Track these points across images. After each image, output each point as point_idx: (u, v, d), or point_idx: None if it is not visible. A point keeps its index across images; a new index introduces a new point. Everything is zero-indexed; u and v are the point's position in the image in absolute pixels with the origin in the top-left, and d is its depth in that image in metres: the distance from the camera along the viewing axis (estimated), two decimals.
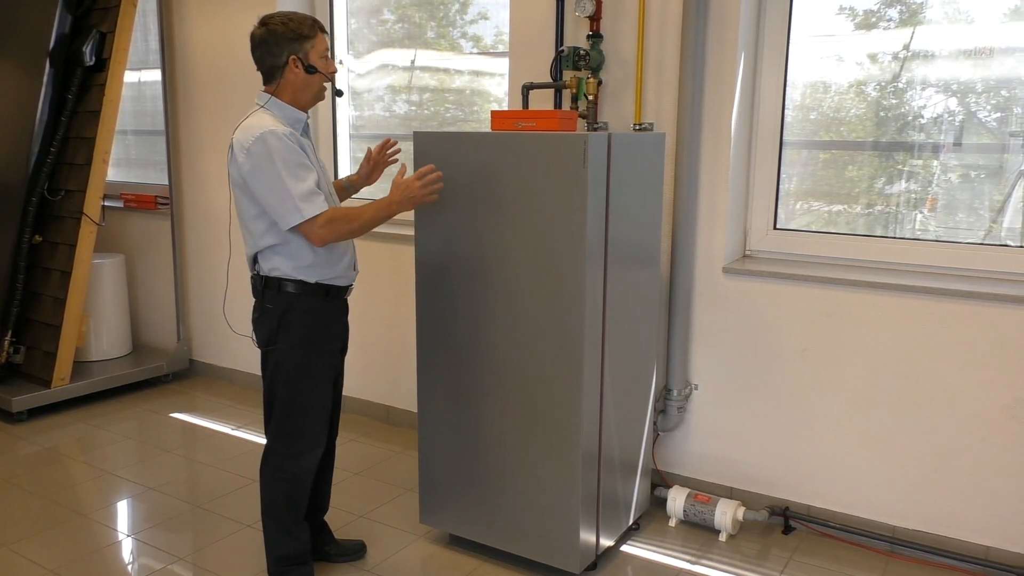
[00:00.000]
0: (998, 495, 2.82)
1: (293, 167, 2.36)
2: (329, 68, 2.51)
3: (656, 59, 3.20)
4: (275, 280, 2.50)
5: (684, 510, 3.15)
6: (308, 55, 2.45)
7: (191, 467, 3.78)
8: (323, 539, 2.93)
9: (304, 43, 2.43)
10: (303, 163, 2.39)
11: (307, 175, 2.38)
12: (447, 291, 2.80)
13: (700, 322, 3.28)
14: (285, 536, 2.64)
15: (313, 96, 2.53)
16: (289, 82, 2.46)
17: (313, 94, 2.52)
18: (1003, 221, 2.92)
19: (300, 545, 2.67)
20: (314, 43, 2.45)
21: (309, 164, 2.41)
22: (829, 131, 3.19)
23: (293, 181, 2.35)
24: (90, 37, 4.40)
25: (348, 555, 2.96)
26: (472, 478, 2.87)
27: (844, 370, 3.02)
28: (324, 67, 2.49)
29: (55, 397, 4.36)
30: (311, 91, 2.50)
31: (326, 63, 2.50)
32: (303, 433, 2.60)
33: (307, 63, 2.45)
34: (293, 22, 2.44)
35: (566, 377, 2.61)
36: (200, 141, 4.74)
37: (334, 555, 2.94)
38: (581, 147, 2.45)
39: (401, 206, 2.44)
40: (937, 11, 2.92)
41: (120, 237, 5.22)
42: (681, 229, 3.18)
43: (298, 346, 2.53)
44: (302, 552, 2.67)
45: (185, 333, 5.03)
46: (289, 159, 2.36)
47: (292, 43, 2.42)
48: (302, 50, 2.44)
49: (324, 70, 2.49)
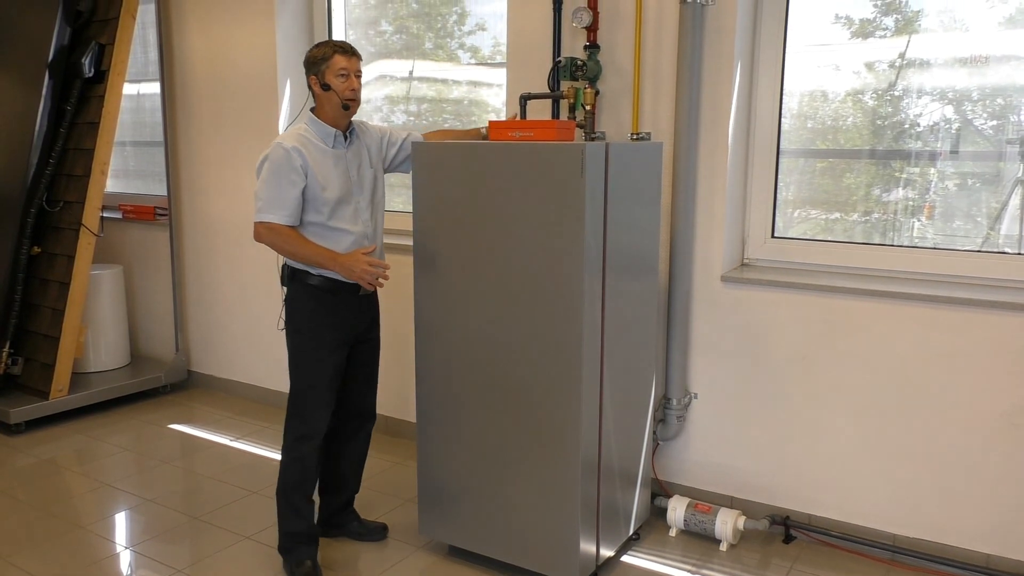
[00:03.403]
0: (999, 502, 2.81)
1: (274, 176, 2.69)
2: (342, 86, 2.74)
3: (653, 69, 3.21)
4: (288, 269, 2.84)
5: (684, 520, 3.14)
6: (324, 75, 2.74)
7: (189, 479, 3.76)
8: (347, 516, 3.17)
9: (321, 64, 2.74)
10: (288, 176, 2.69)
11: (285, 186, 2.69)
12: (445, 301, 2.80)
13: (699, 331, 3.28)
14: (293, 514, 2.90)
15: (335, 110, 2.77)
16: (319, 99, 2.79)
17: (335, 108, 2.77)
18: (1000, 228, 2.92)
19: (306, 524, 2.92)
20: (330, 63, 2.74)
21: (293, 180, 2.69)
22: (826, 139, 3.19)
23: (266, 187, 2.70)
24: (89, 49, 4.41)
25: (371, 535, 3.17)
26: (471, 488, 2.87)
27: (843, 378, 3.02)
28: (337, 85, 2.74)
29: (53, 409, 4.35)
30: (332, 105, 2.77)
31: (342, 81, 2.74)
32: (305, 416, 2.86)
33: (323, 81, 2.74)
34: (318, 47, 2.79)
35: (565, 387, 2.61)
36: (199, 152, 4.75)
37: (356, 533, 3.16)
38: (579, 157, 2.46)
39: (339, 268, 2.71)
40: (932, 20, 2.93)
41: (118, 248, 5.22)
42: (679, 238, 3.18)
43: (299, 331, 2.83)
44: (308, 529, 2.92)
45: (183, 344, 5.03)
46: (277, 169, 2.69)
47: (314, 65, 2.76)
48: (319, 71, 2.75)
49: (337, 88, 2.74)
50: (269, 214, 2.70)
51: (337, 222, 2.76)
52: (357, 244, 2.79)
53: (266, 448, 4.03)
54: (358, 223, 2.81)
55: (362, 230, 2.82)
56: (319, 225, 2.75)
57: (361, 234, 2.81)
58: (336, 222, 2.76)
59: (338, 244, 2.76)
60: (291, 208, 2.71)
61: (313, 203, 2.73)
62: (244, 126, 4.49)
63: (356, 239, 2.80)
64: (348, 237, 2.78)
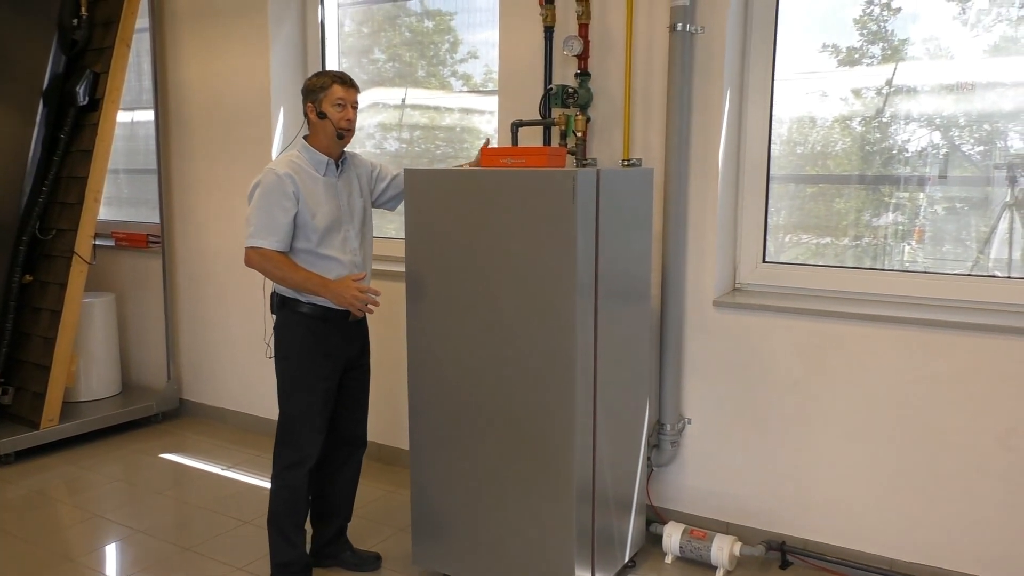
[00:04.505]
0: (994, 525, 2.80)
1: (266, 201, 2.70)
2: (338, 115, 2.78)
3: (643, 96, 3.24)
4: (278, 297, 2.85)
5: (680, 546, 3.12)
6: (321, 103, 2.77)
7: (181, 509, 3.73)
8: (340, 546, 3.13)
9: (319, 93, 2.78)
10: (280, 202, 2.70)
11: (277, 212, 2.69)
12: (438, 327, 2.79)
13: (692, 356, 3.28)
14: (285, 544, 2.90)
15: (329, 138, 2.80)
16: (313, 127, 2.83)
17: (328, 136, 2.80)
18: (990, 252, 2.94)
19: (298, 554, 2.93)
20: (328, 92, 2.77)
21: (286, 206, 2.70)
22: (816, 165, 3.22)
23: (258, 212, 2.71)
24: (84, 77, 4.43)
25: (364, 565, 3.12)
26: (465, 516, 2.84)
27: (837, 402, 3.02)
28: (333, 114, 2.77)
29: (43, 439, 4.31)
30: (326, 134, 2.80)
31: (338, 110, 2.78)
32: (295, 444, 2.85)
33: (319, 110, 2.77)
34: (316, 76, 2.83)
35: (559, 413, 2.60)
36: (192, 180, 4.76)
37: (350, 563, 3.11)
38: (570, 183, 2.47)
39: (329, 294, 2.72)
40: (918, 48, 2.97)
41: (111, 275, 5.20)
42: (671, 263, 3.19)
43: (289, 359, 2.84)
44: (300, 559, 2.93)
45: (175, 372, 5.00)
46: (269, 194, 2.70)
47: (312, 93, 2.80)
48: (317, 99, 2.78)
49: (332, 116, 2.77)
50: (260, 239, 2.70)
51: (326, 249, 2.77)
52: (346, 272, 2.80)
53: (258, 477, 4.00)
54: (347, 251, 2.82)
55: (351, 259, 2.83)
56: (308, 252, 2.76)
57: (350, 263, 2.82)
58: (325, 249, 2.77)
59: (327, 272, 2.76)
60: (282, 234, 2.71)
61: (303, 230, 2.74)
62: (238, 154, 4.50)
63: (345, 267, 2.80)
64: (336, 265, 2.78)
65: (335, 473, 3.05)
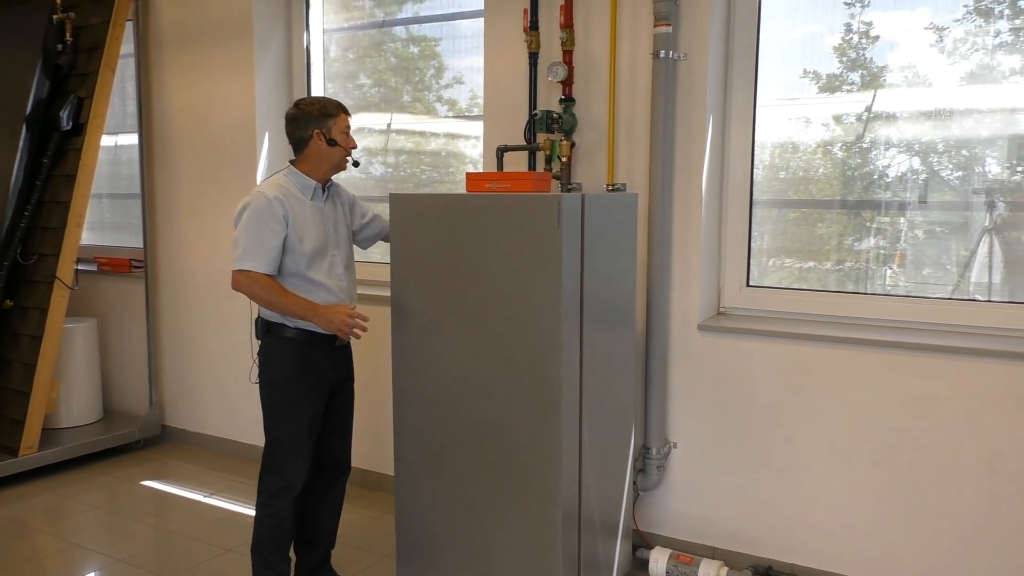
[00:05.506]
0: (980, 548, 2.81)
1: (255, 224, 2.68)
2: (348, 143, 2.84)
3: (627, 121, 3.27)
4: (263, 322, 2.82)
5: (667, 571, 3.10)
6: (331, 130, 2.79)
7: (162, 537, 3.67)
8: (324, 573, 3.07)
9: (327, 120, 2.78)
10: (270, 225, 2.68)
11: (266, 235, 2.68)
12: (423, 351, 2.79)
13: (677, 380, 3.29)
14: (269, 572, 2.86)
15: (332, 166, 2.84)
16: (312, 153, 2.80)
17: (332, 164, 2.83)
18: (970, 276, 2.97)
19: None
20: (336, 121, 2.80)
21: (275, 229, 2.68)
22: (798, 190, 3.25)
23: (246, 234, 2.69)
24: (68, 102, 4.42)
25: None
26: (450, 542, 2.82)
27: (821, 425, 3.03)
28: (343, 141, 2.82)
29: (22, 466, 4.24)
30: (331, 161, 2.82)
31: (346, 138, 2.84)
32: (281, 470, 2.82)
33: (328, 137, 2.78)
34: (320, 103, 2.81)
35: (544, 437, 2.59)
36: (176, 205, 4.74)
37: None
38: (555, 207, 2.48)
39: (318, 319, 2.70)
40: (897, 75, 3.02)
41: (93, 301, 5.16)
42: (655, 287, 3.21)
43: (274, 384, 2.81)
44: None
45: (157, 398, 4.95)
46: (258, 217, 2.68)
47: (318, 120, 2.78)
48: (325, 126, 2.78)
49: (344, 144, 2.82)
50: (249, 262, 2.68)
51: (313, 274, 2.76)
52: (332, 297, 2.79)
53: (241, 504, 3.95)
54: (332, 276, 2.82)
55: (337, 284, 2.82)
56: (296, 276, 2.75)
57: (336, 287, 2.82)
58: (312, 273, 2.76)
59: (313, 297, 2.75)
60: (271, 257, 2.70)
61: (291, 254, 2.74)
62: (222, 179, 4.50)
63: (331, 292, 2.79)
64: (322, 291, 2.78)
65: (319, 499, 3.02)
